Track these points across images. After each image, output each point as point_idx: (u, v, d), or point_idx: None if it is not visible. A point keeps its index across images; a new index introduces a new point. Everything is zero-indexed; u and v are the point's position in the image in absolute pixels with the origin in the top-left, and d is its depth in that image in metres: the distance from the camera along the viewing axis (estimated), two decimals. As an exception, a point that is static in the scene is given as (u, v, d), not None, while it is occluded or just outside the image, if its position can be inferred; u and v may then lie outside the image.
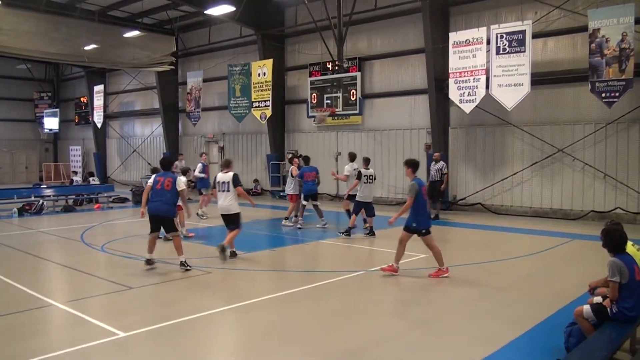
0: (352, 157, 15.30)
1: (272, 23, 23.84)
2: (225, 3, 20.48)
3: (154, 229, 10.04)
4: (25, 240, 13.70)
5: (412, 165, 9.66)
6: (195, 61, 28.90)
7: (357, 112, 21.45)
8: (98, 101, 33.51)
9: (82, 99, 36.98)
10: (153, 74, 30.00)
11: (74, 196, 21.78)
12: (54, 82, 40.75)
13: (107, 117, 34.50)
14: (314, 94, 22.50)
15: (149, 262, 10.02)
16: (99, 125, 34.12)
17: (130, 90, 33.81)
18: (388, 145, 20.80)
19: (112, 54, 27.61)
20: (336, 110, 21.75)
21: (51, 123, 38.55)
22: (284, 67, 24.41)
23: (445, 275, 9.33)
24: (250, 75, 23.82)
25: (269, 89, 23.07)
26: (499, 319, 7.23)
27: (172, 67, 28.92)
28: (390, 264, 9.47)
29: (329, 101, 21.91)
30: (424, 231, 9.35)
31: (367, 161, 13.97)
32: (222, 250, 10.55)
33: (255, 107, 23.68)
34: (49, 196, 20.83)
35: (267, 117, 23.40)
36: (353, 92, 21.33)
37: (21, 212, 19.06)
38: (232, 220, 11.01)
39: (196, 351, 6.23)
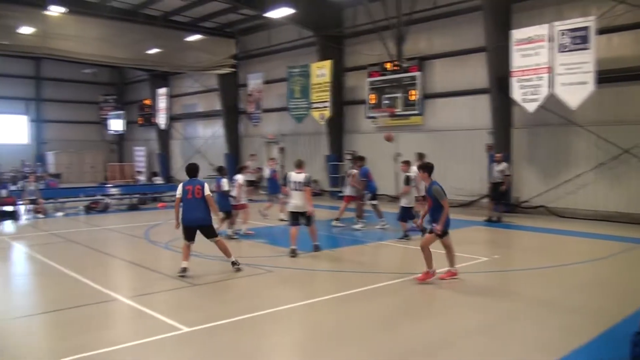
0: (422, 157, 15.44)
1: (331, 24, 24.31)
2: (284, 5, 21.09)
3: (189, 238, 10.02)
4: (92, 237, 14.63)
5: (427, 169, 9.56)
6: (255, 63, 29.68)
7: (417, 112, 21.60)
8: (162, 103, 35.10)
9: (145, 102, 38.60)
10: (215, 77, 31.11)
11: (138, 195, 22.84)
12: (119, 85, 42.68)
13: (171, 118, 35.94)
14: (373, 95, 22.76)
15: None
16: (162, 127, 35.72)
17: (192, 92, 35.09)
18: (449, 146, 20.87)
19: (175, 57, 28.86)
20: (396, 110, 21.91)
21: (116, 125, 40.52)
22: (343, 68, 24.81)
23: (432, 278, 9.25)
24: (310, 76, 24.37)
25: (327, 90, 23.56)
26: (560, 326, 7.07)
27: (233, 69, 30.02)
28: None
29: (387, 101, 22.10)
30: (439, 232, 9.23)
31: (408, 163, 14.21)
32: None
33: (314, 108, 24.23)
34: (115, 195, 22.02)
35: (326, 118, 23.88)
36: (413, 93, 21.47)
37: (88, 210, 20.25)
38: (305, 217, 11.90)
39: (256, 348, 6.47)
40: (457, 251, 9.68)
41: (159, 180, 29.91)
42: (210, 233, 10.21)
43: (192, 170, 10.47)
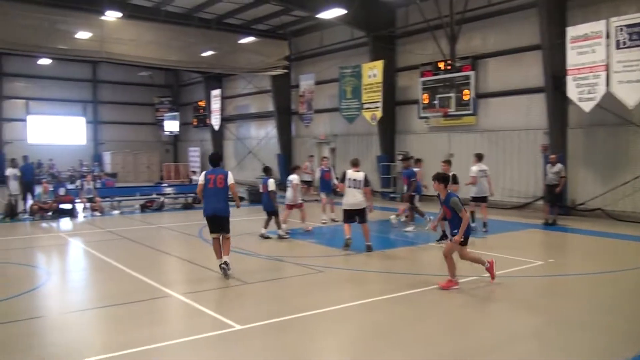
0: (480, 158, 15.48)
1: (382, 24, 24.49)
2: (336, 6, 21.43)
3: (214, 229, 10.02)
4: (147, 235, 15.28)
5: (444, 180, 9.37)
6: (307, 64, 30.12)
7: (470, 112, 21.50)
8: (215, 105, 36.04)
9: (199, 103, 39.67)
10: (267, 78, 31.74)
11: (192, 194, 23.47)
12: (174, 87, 44.00)
13: (224, 119, 36.82)
14: (426, 95, 22.77)
15: (225, 265, 9.87)
16: (216, 128, 36.66)
17: (245, 94, 35.94)
18: (503, 147, 20.71)
19: (228, 59, 29.60)
20: (449, 110, 21.88)
21: (171, 126, 41.80)
22: (395, 68, 24.93)
23: (456, 286, 9.03)
24: (361, 76, 24.59)
25: (379, 90, 23.73)
26: (615, 333, 6.98)
27: (286, 70, 30.54)
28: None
29: (440, 101, 22.07)
30: (462, 240, 9.06)
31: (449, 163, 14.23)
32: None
33: (366, 108, 24.44)
34: (169, 194, 22.81)
35: (378, 119, 24.05)
36: (466, 92, 21.38)
37: (143, 208, 21.07)
38: (360, 214, 12.24)
39: (307, 348, 6.62)
40: (510, 254, 9.71)
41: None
42: (224, 226, 10.00)
43: (215, 159, 10.52)
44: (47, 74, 38.57)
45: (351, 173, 12.39)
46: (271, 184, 14.00)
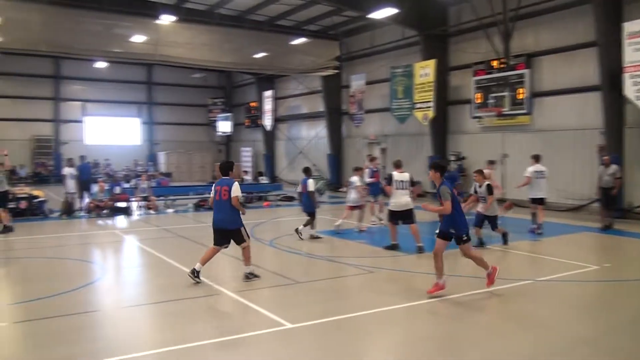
0: (537, 159, 15.49)
1: (434, 23, 24.58)
2: (388, 6, 21.70)
3: (217, 242, 9.84)
4: (200, 233, 15.65)
5: (440, 168, 8.96)
6: (358, 64, 30.42)
7: (524, 111, 21.37)
8: (267, 105, 36.85)
9: (251, 104, 40.52)
10: (318, 79, 32.24)
11: (244, 194, 24.05)
12: (227, 88, 45.04)
13: (276, 120, 37.53)
14: (479, 94, 22.73)
15: (194, 272, 9.65)
16: (268, 128, 37.39)
17: (296, 94, 36.59)
18: (557, 147, 20.46)
19: (280, 60, 30.24)
20: (503, 110, 21.79)
21: (224, 126, 42.80)
22: (447, 67, 24.94)
23: (442, 290, 8.70)
24: (413, 76, 24.73)
25: (431, 90, 23.84)
26: None
27: (337, 71, 30.93)
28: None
29: (493, 100, 22.03)
30: (464, 237, 8.70)
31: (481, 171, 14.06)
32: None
33: (418, 108, 24.57)
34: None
35: (429, 119, 24.15)
36: (520, 91, 21.27)
37: (197, 207, 21.79)
38: (409, 216, 12.51)
39: (355, 348, 6.73)
40: (565, 258, 9.69)
41: (264, 179, 31.36)
42: (238, 239, 9.78)
43: (224, 168, 10.10)
44: (103, 76, 40.16)
45: (397, 175, 12.67)
46: (310, 184, 14.25)
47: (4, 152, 17.17)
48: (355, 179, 15.67)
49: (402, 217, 12.52)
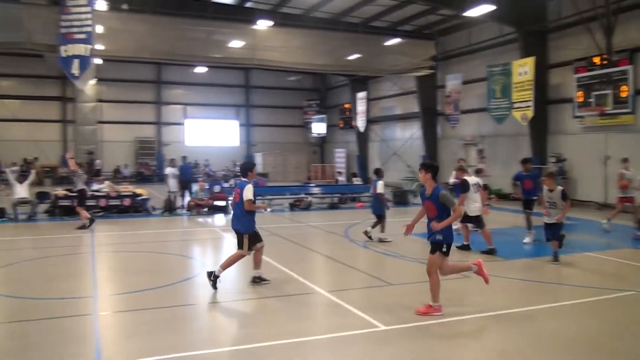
0: (626, 163, 15.20)
1: (533, 19, 24.13)
2: (485, 3, 21.61)
3: (237, 243, 9.78)
4: (295, 233, 16.38)
5: (431, 169, 8.13)
6: (454, 64, 30.31)
7: (628, 110, 20.55)
8: (361, 107, 37.28)
9: (345, 105, 41.12)
10: (413, 79, 32.36)
11: (338, 195, 24.63)
12: (321, 90, 45.98)
13: (369, 121, 37.89)
14: (580, 92, 22.12)
15: (258, 279, 9.82)
16: (362, 130, 37.80)
17: (390, 95, 36.91)
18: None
19: (374, 62, 30.62)
20: (605, 109, 21.08)
21: (318, 128, 43.72)
22: (546, 65, 24.41)
23: (438, 313, 7.99)
24: (511, 75, 24.41)
25: (530, 89, 23.44)
26: None
27: (432, 71, 30.92)
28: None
29: (595, 99, 21.33)
30: (444, 249, 8.05)
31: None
32: (491, 252, 12.32)
33: (516, 108, 24.22)
34: (316, 194, 24.17)
35: (528, 119, 23.75)
36: (624, 88, 20.48)
37: (292, 207, 22.57)
38: (477, 220, 12.77)
39: (450, 354, 6.73)
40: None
41: (357, 181, 31.82)
42: (239, 242, 9.68)
43: (243, 169, 9.94)
44: (203, 81, 42.43)
45: (471, 179, 12.94)
46: (380, 186, 14.29)
47: (70, 154, 18.55)
48: (476, 179, 15.66)
49: (473, 221, 12.83)
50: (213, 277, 9.42)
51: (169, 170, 21.53)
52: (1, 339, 7.44)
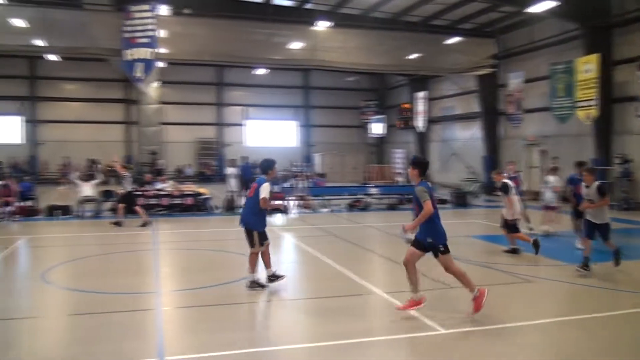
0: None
1: (597, 14, 23.56)
2: (547, -1, 21.33)
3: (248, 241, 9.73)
4: (354, 233, 16.60)
5: (419, 165, 8.14)
6: (516, 62, 29.90)
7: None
8: (420, 107, 37.18)
9: (404, 106, 41.02)
10: (473, 78, 32.14)
11: (396, 195, 24.70)
12: (379, 90, 46.10)
13: (429, 121, 37.76)
14: (648, 90, 21.56)
15: (253, 283, 9.66)
16: (420, 130, 37.73)
17: (450, 95, 36.75)
18: None
19: (434, 61, 30.61)
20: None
21: (377, 128, 43.86)
22: (611, 62, 23.75)
23: (418, 306, 8.07)
24: (574, 72, 23.95)
25: (594, 87, 22.95)
26: None
27: (493, 69, 30.59)
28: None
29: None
30: (442, 248, 7.96)
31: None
32: (516, 251, 12.57)
33: (580, 107, 23.75)
34: (374, 195, 24.33)
35: (593, 118, 23.27)
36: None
37: (350, 207, 22.82)
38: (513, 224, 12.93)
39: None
40: None
41: (416, 181, 31.84)
42: (250, 240, 9.61)
43: (262, 167, 9.93)
44: (263, 82, 43.22)
45: (511, 183, 13.06)
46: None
47: (116, 159, 19.52)
48: (551, 179, 15.67)
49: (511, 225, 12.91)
50: (254, 284, 9.54)
51: (229, 170, 22.24)
52: (67, 331, 7.94)
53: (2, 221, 18.57)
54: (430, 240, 7.92)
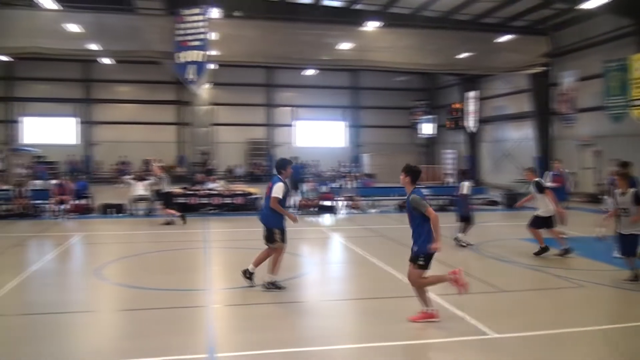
0: None
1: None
2: (602, -6, 20.98)
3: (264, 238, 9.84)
4: (403, 234, 16.24)
5: (411, 173, 8.06)
6: (569, 60, 29.39)
7: None
8: (471, 106, 36.96)
9: (454, 105, 40.71)
10: (525, 77, 31.71)
11: (447, 197, 24.59)
12: (430, 90, 45.88)
13: (480, 121, 37.46)
14: None
15: (245, 274, 9.86)
16: (472, 130, 37.45)
17: (502, 94, 36.28)
18: None
19: (485, 60, 30.32)
20: None
21: (427, 128, 43.74)
22: (668, 59, 23.28)
23: (434, 320, 7.88)
24: (628, 70, 23.45)
25: (649, 85, 22.48)
26: None
27: (545, 68, 30.11)
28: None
29: None
30: (421, 261, 7.76)
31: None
32: (566, 252, 12.43)
33: (635, 106, 23.26)
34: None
35: (647, 117, 22.81)
36: None
37: (399, 208, 22.81)
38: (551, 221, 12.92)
39: None
40: None
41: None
42: (269, 238, 9.73)
43: (277, 166, 10.07)
44: (312, 83, 43.58)
45: (542, 181, 13.23)
46: (464, 187, 14.20)
47: (154, 160, 20.03)
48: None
49: (547, 222, 12.77)
50: (271, 285, 9.63)
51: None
52: (118, 326, 8.31)
53: (58, 218, 19.41)
54: (416, 248, 7.79)
